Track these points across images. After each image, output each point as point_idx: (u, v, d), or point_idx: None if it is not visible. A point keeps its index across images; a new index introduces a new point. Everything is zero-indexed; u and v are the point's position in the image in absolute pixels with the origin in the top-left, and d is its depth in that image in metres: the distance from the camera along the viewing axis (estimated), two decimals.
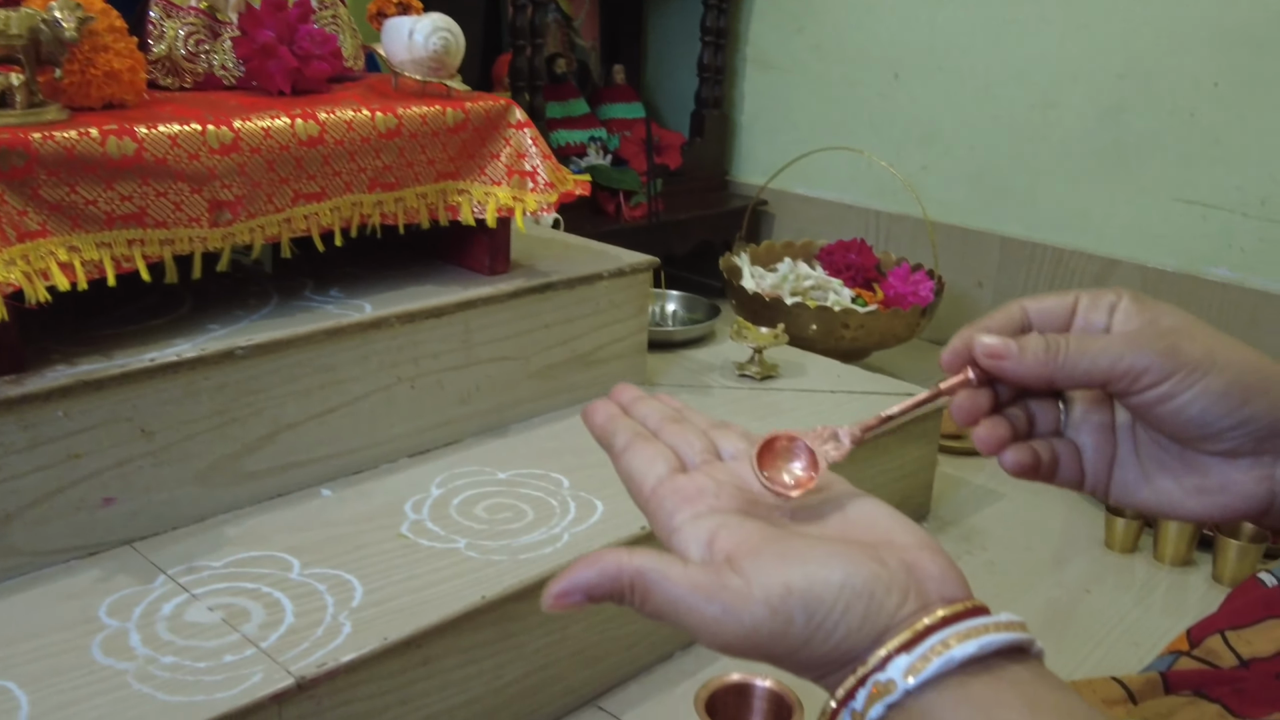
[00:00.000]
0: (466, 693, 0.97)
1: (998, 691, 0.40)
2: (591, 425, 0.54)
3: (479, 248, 1.27)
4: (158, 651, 0.86)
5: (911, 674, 0.40)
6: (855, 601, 0.42)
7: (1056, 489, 1.59)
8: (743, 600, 0.42)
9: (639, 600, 0.44)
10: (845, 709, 0.42)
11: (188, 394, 1.01)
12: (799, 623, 0.41)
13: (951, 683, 0.40)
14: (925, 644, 0.41)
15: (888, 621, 0.42)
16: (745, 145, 2.40)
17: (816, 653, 0.42)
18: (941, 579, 0.43)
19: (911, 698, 0.40)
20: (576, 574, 0.44)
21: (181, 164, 0.97)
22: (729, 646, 0.43)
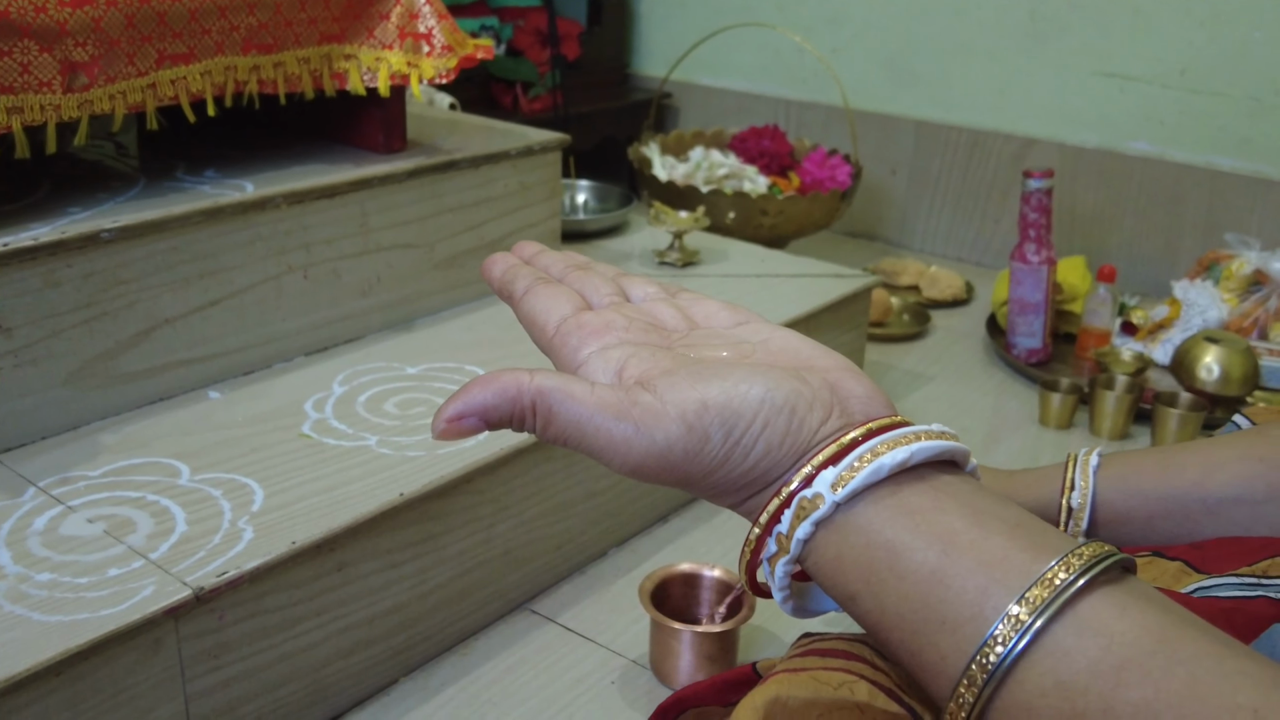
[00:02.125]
0: (388, 600, 0.88)
1: (936, 499, 0.37)
2: (490, 276, 0.50)
3: (371, 123, 1.15)
4: (31, 569, 0.75)
5: (839, 485, 0.37)
6: (776, 417, 0.38)
7: (985, 372, 1.55)
8: (655, 417, 0.38)
9: (541, 423, 0.39)
10: (770, 535, 0.39)
11: (48, 284, 0.88)
12: (716, 440, 0.38)
13: (883, 493, 0.37)
14: (852, 455, 0.37)
15: (810, 439, 0.39)
16: (645, 35, 2.28)
17: (734, 473, 0.39)
18: (866, 399, 0.40)
19: (841, 511, 0.37)
20: (471, 395, 0.39)
21: (27, 18, 0.84)
22: (640, 468, 0.39)
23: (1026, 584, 0.33)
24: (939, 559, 0.35)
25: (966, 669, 0.34)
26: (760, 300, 1.30)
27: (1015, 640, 0.33)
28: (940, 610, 0.35)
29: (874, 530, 0.37)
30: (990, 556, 0.35)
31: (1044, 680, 0.33)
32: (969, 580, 0.34)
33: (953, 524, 0.36)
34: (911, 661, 0.36)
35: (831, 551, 0.38)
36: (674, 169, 1.76)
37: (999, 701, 0.33)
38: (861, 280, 1.38)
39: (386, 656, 0.90)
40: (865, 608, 0.37)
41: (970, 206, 1.99)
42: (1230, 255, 1.61)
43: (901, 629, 0.36)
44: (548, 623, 0.99)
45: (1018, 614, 0.33)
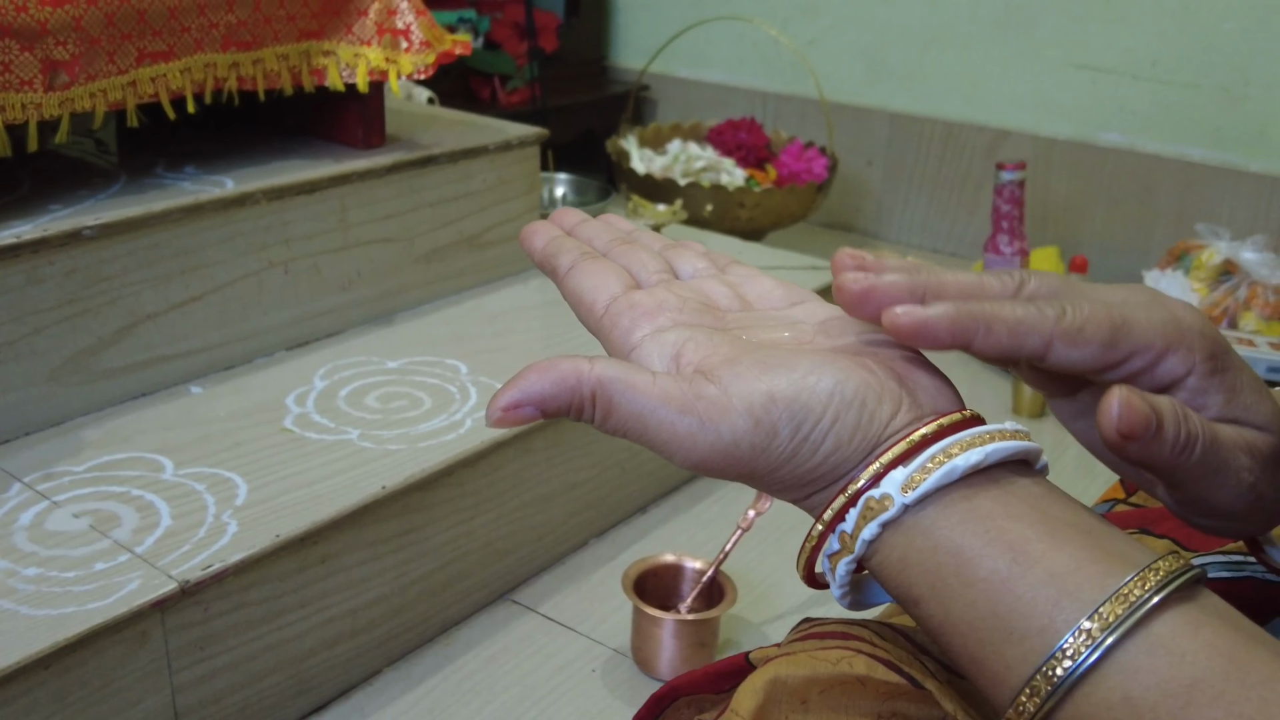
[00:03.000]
0: (370, 591, 0.89)
1: (1006, 504, 0.35)
2: (530, 247, 0.47)
3: (350, 119, 1.16)
4: (18, 564, 0.76)
5: (910, 488, 0.35)
6: (846, 411, 0.36)
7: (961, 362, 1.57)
8: (721, 411, 0.36)
9: (601, 414, 0.37)
10: (834, 532, 0.37)
11: (31, 281, 0.89)
12: (784, 435, 0.36)
13: (954, 496, 0.35)
14: (924, 454, 0.36)
15: (880, 433, 0.37)
16: (623, 27, 2.29)
17: (802, 468, 0.37)
18: (935, 390, 0.38)
19: (910, 514, 0.35)
20: (528, 383, 0.37)
21: (8, 17, 0.85)
22: (705, 463, 0.37)
23: (1100, 599, 0.33)
24: (1009, 568, 0.34)
25: (1030, 679, 0.33)
26: None
27: (1085, 655, 0.32)
28: (1008, 620, 0.34)
29: (942, 535, 0.36)
30: (1062, 568, 0.34)
31: (1111, 695, 0.32)
32: (1040, 591, 0.33)
33: (1024, 532, 0.35)
34: (973, 668, 0.35)
35: (897, 554, 0.36)
36: (652, 162, 1.77)
37: (1062, 713, 0.33)
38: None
39: (370, 647, 0.91)
40: (929, 612, 0.36)
41: (945, 197, 2.01)
42: (1200, 245, 1.63)
43: (966, 636, 0.35)
44: (529, 612, 1.01)
45: (1090, 629, 0.32)
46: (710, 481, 1.23)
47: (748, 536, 0.95)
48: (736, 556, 1.04)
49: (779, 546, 1.11)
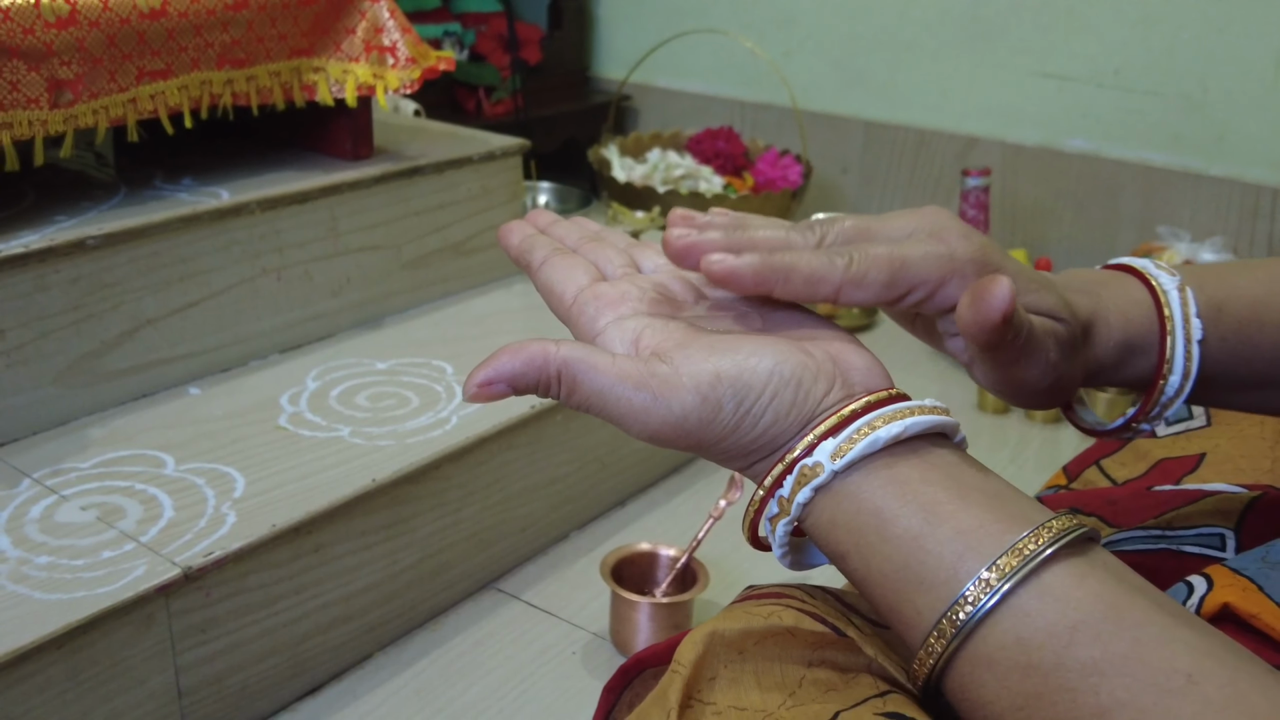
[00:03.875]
0: (361, 580, 0.94)
1: (923, 471, 0.40)
2: (507, 244, 0.51)
3: (340, 131, 1.21)
4: (30, 553, 0.81)
5: (838, 456, 0.40)
6: (783, 389, 0.41)
7: (930, 362, 1.63)
8: (671, 388, 0.41)
9: (565, 391, 0.42)
10: (773, 497, 0.42)
11: (38, 288, 0.94)
12: (728, 409, 0.41)
13: (877, 464, 0.40)
14: (851, 427, 0.40)
15: (814, 409, 0.41)
16: (605, 39, 2.35)
17: (744, 440, 0.42)
18: (866, 371, 0.43)
19: (839, 479, 0.40)
20: (500, 363, 0.41)
21: (16, 39, 0.90)
22: (657, 435, 0.42)
23: (999, 552, 0.37)
24: (921, 526, 0.38)
25: (938, 623, 0.37)
26: None
27: (984, 601, 0.36)
28: (919, 572, 0.38)
29: (865, 498, 0.40)
30: (967, 525, 0.38)
31: (1005, 637, 0.36)
32: (947, 546, 0.38)
33: (937, 495, 0.39)
34: (891, 615, 0.40)
35: (826, 515, 0.41)
36: (632, 170, 1.83)
37: (964, 653, 0.37)
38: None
39: (362, 632, 0.96)
40: (853, 566, 0.41)
41: (919, 202, 2.07)
42: (1162, 247, 1.70)
43: (884, 586, 0.39)
44: (513, 600, 1.06)
45: (988, 578, 0.36)
46: (685, 476, 1.29)
47: (719, 525, 1.01)
48: (709, 544, 1.09)
49: None
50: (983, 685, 0.37)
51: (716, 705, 0.43)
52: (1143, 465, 0.79)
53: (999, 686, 0.37)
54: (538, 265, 0.49)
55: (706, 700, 0.44)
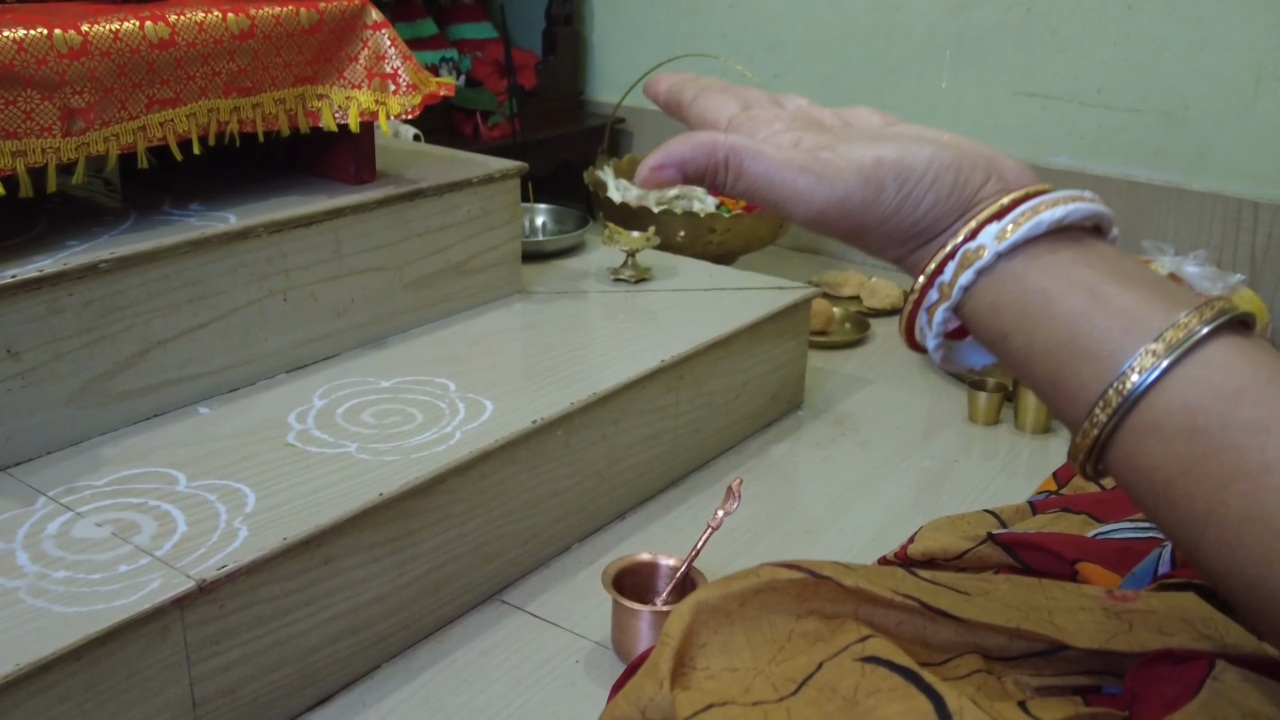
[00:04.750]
0: (370, 591, 0.97)
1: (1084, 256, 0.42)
2: (656, 90, 0.53)
3: (343, 156, 1.24)
4: (48, 568, 0.83)
5: (1002, 238, 0.42)
6: (944, 173, 0.43)
7: (921, 375, 1.66)
8: (835, 170, 0.43)
9: (732, 176, 0.44)
10: (934, 285, 0.44)
11: (52, 311, 0.97)
12: (890, 191, 0.43)
13: (1040, 249, 0.42)
14: (1015, 212, 0.42)
15: (972, 195, 0.43)
16: (599, 63, 2.39)
17: (904, 223, 0.43)
18: (1019, 171, 0.45)
19: (1002, 262, 0.42)
20: (672, 148, 0.43)
21: (29, 70, 0.93)
22: (821, 216, 0.43)
23: (1164, 326, 0.39)
24: (1087, 303, 0.40)
25: (1104, 394, 0.39)
26: (708, 311, 1.40)
27: (1152, 369, 0.38)
28: (1085, 345, 0.40)
29: (1030, 278, 0.41)
30: (1132, 303, 0.40)
31: (1172, 402, 0.38)
32: (1113, 321, 0.40)
33: (1100, 277, 0.41)
34: (1051, 390, 0.42)
35: (990, 298, 0.42)
36: (627, 191, 1.86)
37: (1130, 421, 0.39)
38: (801, 292, 1.48)
39: (370, 643, 0.98)
40: (1015, 345, 0.42)
41: None
42: (1146, 260, 1.73)
43: (1048, 362, 0.41)
44: (517, 611, 1.08)
45: (1155, 348, 0.38)
46: (683, 489, 1.31)
47: (718, 535, 1.03)
48: (708, 553, 1.12)
49: (747, 546, 1.19)
50: (1148, 452, 0.39)
51: (710, 669, 0.46)
52: None
53: (1165, 452, 0.38)
54: (689, 100, 0.51)
55: (699, 666, 0.46)
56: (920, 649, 0.50)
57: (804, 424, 1.50)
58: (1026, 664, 0.50)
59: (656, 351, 1.27)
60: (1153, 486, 0.39)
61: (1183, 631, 0.49)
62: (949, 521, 0.77)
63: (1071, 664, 0.50)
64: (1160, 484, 0.39)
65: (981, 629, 0.51)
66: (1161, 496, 0.39)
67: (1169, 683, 0.45)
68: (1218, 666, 0.44)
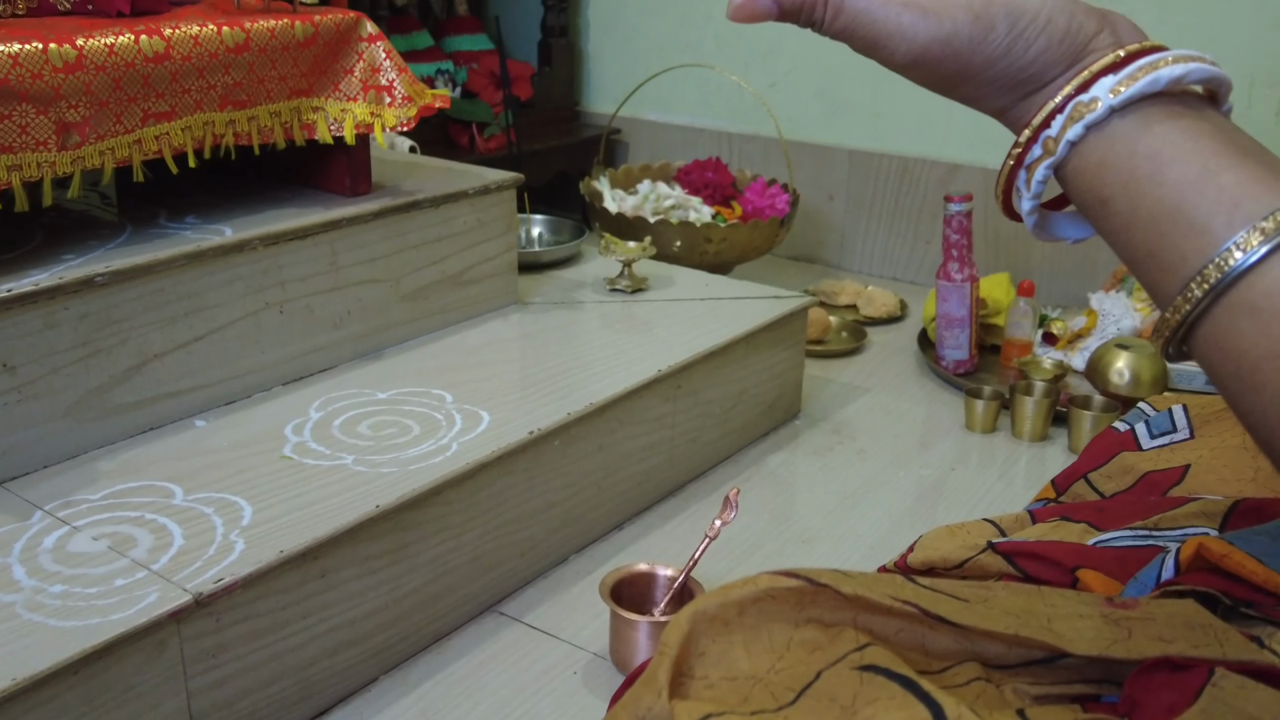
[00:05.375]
0: (367, 604, 0.97)
1: (1199, 123, 0.40)
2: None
3: (339, 168, 1.24)
4: (44, 582, 0.83)
5: (1116, 92, 0.40)
6: (1058, 15, 0.41)
7: (918, 383, 1.66)
8: (943, 5, 0.41)
9: (831, 11, 0.43)
10: (1038, 140, 0.42)
11: (48, 325, 0.96)
12: (1000, 29, 0.41)
13: (1155, 108, 0.40)
14: (1133, 66, 0.40)
15: (1086, 44, 0.42)
16: (594, 73, 2.40)
17: (1013, 65, 0.42)
18: (1131, 29, 0.43)
19: (1115, 118, 0.40)
20: None
21: (25, 84, 0.93)
22: (925, 53, 0.42)
23: (1274, 207, 0.37)
24: (1198, 173, 0.38)
25: (1203, 268, 0.38)
26: (705, 321, 1.40)
27: (1256, 249, 0.37)
28: (1191, 216, 0.38)
29: (1141, 139, 0.39)
30: (1245, 178, 0.38)
31: (1274, 284, 0.36)
32: (1224, 194, 0.38)
33: (1214, 146, 0.39)
34: (1148, 260, 0.40)
35: (1096, 157, 0.41)
36: (623, 201, 1.86)
37: (1227, 299, 0.37)
38: (797, 301, 1.49)
39: (368, 655, 0.98)
40: (1116, 209, 0.40)
41: (903, 228, 2.11)
42: None
43: (1149, 230, 0.39)
44: (515, 622, 1.08)
45: (1264, 227, 0.36)
46: (681, 499, 1.31)
47: (715, 544, 1.03)
48: (705, 563, 1.12)
49: (744, 557, 1.19)
50: (1241, 333, 0.38)
51: (708, 679, 0.45)
52: (1129, 479, 0.82)
53: (1259, 334, 0.37)
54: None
55: (698, 675, 0.45)
56: (919, 656, 0.50)
57: (801, 433, 1.50)
58: (1025, 672, 0.50)
59: (653, 362, 1.27)
60: (1239, 369, 0.38)
61: (1182, 639, 0.49)
62: (948, 531, 0.77)
63: (1070, 672, 0.50)
64: (1249, 367, 0.37)
65: (980, 636, 0.51)
66: (1249, 380, 0.38)
67: (1168, 689, 0.45)
68: (1217, 674, 0.44)
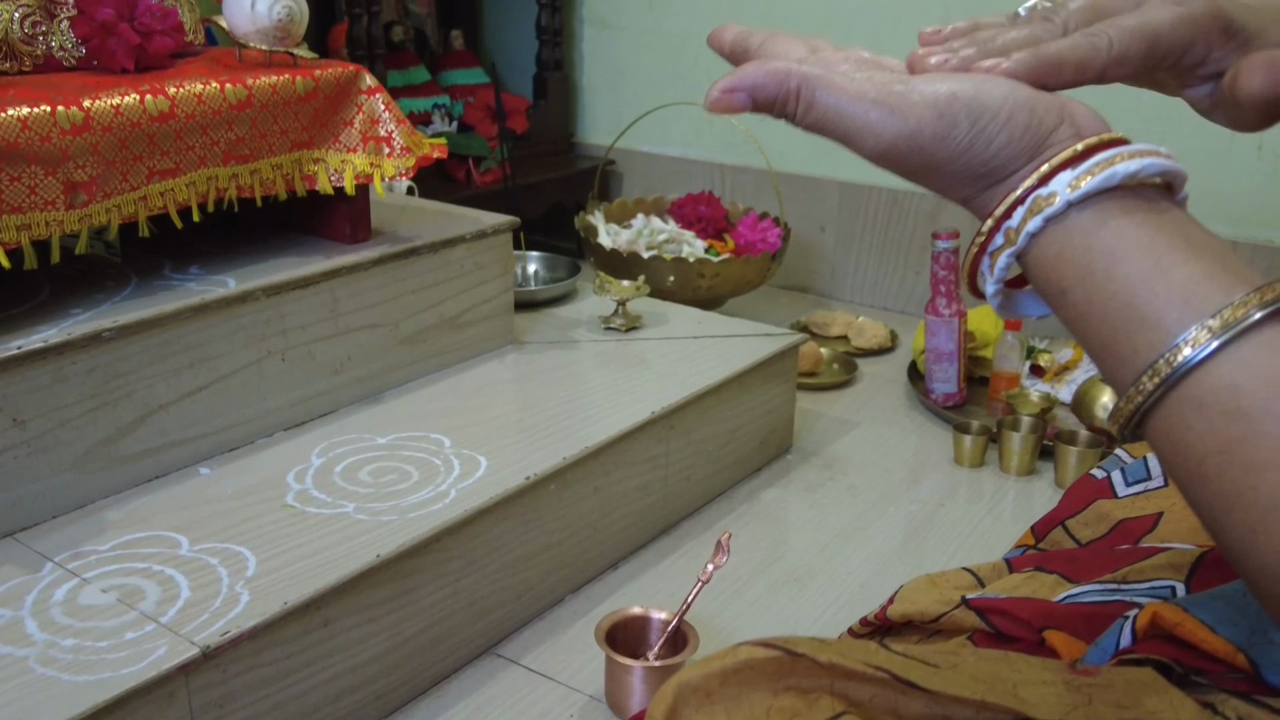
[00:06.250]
0: (368, 650, 0.99)
1: (1155, 218, 0.42)
2: (721, 40, 0.53)
3: (339, 217, 1.27)
4: (56, 635, 0.85)
5: (1074, 187, 0.42)
6: (1018, 112, 0.43)
7: (907, 416, 1.68)
8: (908, 103, 0.43)
9: (803, 106, 0.44)
10: (1000, 229, 0.44)
11: (57, 380, 0.99)
12: (963, 126, 0.43)
13: (1111, 203, 0.42)
14: (1090, 161, 0.42)
15: (1046, 138, 0.43)
16: (588, 106, 2.43)
17: (975, 160, 0.43)
18: (1092, 118, 0.45)
19: (1074, 210, 0.42)
20: (745, 73, 0.44)
21: (34, 147, 0.96)
22: (891, 149, 0.44)
23: (1225, 303, 0.38)
24: (1150, 269, 0.40)
25: (1154, 363, 0.39)
26: (698, 359, 1.43)
27: (1205, 345, 0.38)
28: (1143, 311, 0.40)
29: (1096, 235, 0.41)
30: (1196, 274, 0.39)
31: (1219, 381, 0.38)
32: (1175, 291, 0.39)
33: (1168, 242, 0.40)
34: (1103, 352, 0.42)
35: (1054, 249, 0.42)
36: (618, 236, 1.89)
37: (1176, 394, 0.39)
38: (789, 339, 1.51)
39: (369, 701, 1.01)
40: (1073, 300, 0.42)
41: (893, 259, 2.14)
42: None
43: (1103, 323, 0.41)
44: (512, 665, 1.11)
45: (1212, 325, 0.38)
46: (674, 539, 1.34)
47: (708, 588, 1.06)
48: (698, 606, 1.14)
49: (736, 596, 1.22)
50: (1188, 427, 0.39)
51: None
52: (1104, 526, 0.85)
53: (1204, 429, 0.39)
54: (757, 45, 0.51)
55: None
56: None
57: (793, 468, 1.53)
58: None
59: (647, 403, 1.30)
60: (1187, 461, 0.40)
61: (1140, 706, 0.52)
62: (928, 581, 0.80)
63: None
64: (1195, 460, 0.39)
65: (949, 700, 0.53)
66: (1195, 472, 0.39)
67: None
68: None
